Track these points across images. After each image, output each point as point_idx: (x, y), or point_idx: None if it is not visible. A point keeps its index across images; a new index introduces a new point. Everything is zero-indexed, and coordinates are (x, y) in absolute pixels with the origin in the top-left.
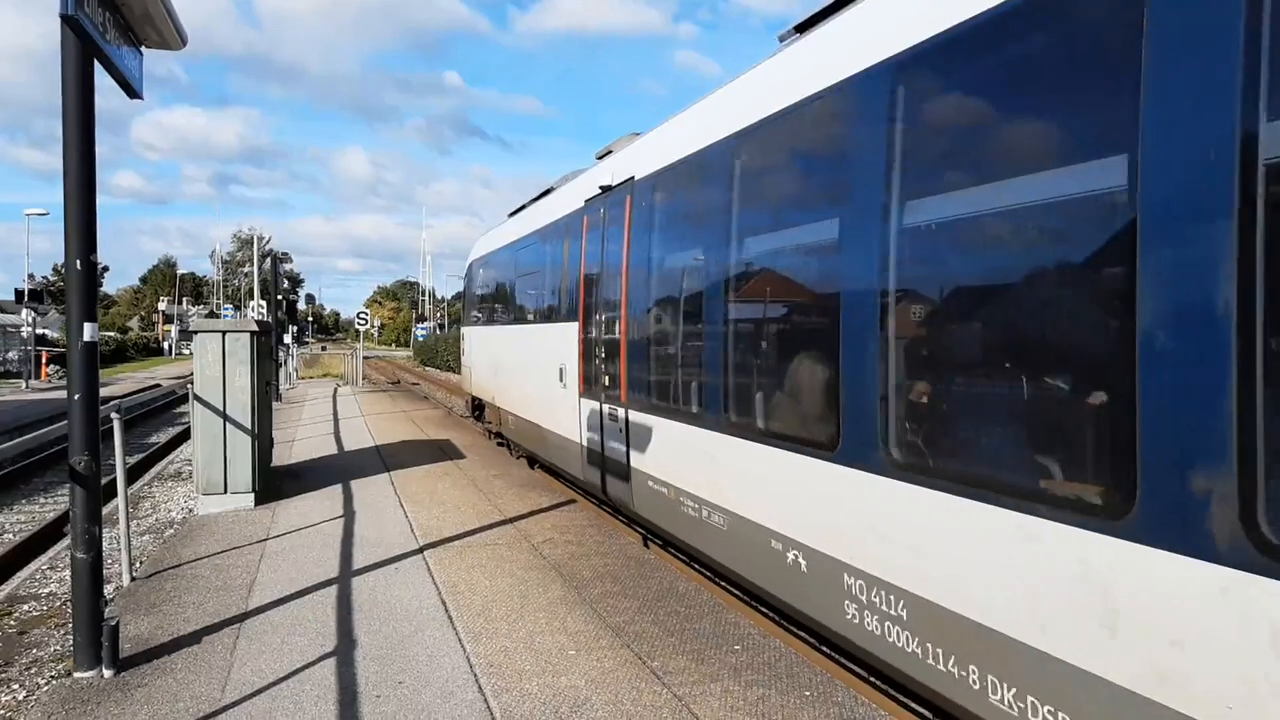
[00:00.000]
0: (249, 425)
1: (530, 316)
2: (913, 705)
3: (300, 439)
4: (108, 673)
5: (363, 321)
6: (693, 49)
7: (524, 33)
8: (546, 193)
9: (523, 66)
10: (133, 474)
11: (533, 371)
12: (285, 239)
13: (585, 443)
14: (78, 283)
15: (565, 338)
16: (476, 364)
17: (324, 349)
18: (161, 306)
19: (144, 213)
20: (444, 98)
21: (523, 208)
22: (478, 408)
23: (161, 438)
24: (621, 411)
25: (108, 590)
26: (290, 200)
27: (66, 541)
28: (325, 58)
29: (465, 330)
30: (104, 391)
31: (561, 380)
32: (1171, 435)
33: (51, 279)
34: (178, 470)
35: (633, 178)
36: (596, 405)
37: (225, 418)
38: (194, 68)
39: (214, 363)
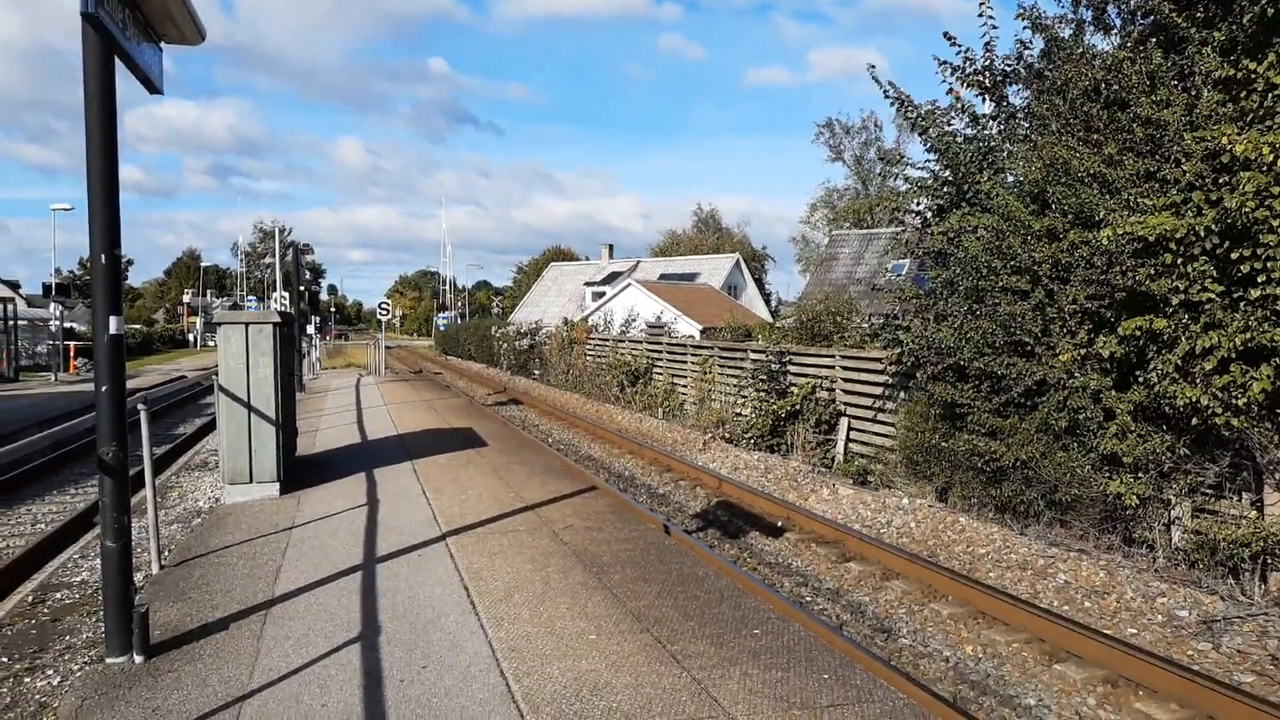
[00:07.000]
0: (273, 415)
1: None
2: (931, 688)
3: (324, 428)
4: (138, 658)
5: (384, 312)
6: (678, 32)
7: (503, 19)
8: None
9: (506, 52)
10: (160, 464)
11: None
12: (296, 230)
13: None
14: (103, 276)
15: None
16: None
17: (346, 339)
18: (186, 299)
19: (150, 206)
20: (432, 85)
21: None
22: None
23: (188, 429)
24: None
25: (137, 578)
26: (293, 192)
27: (96, 531)
28: (307, 47)
29: None
30: (131, 383)
31: None
32: None
33: (78, 273)
34: (204, 460)
35: None
36: None
37: (249, 408)
38: (180, 60)
39: (238, 354)
